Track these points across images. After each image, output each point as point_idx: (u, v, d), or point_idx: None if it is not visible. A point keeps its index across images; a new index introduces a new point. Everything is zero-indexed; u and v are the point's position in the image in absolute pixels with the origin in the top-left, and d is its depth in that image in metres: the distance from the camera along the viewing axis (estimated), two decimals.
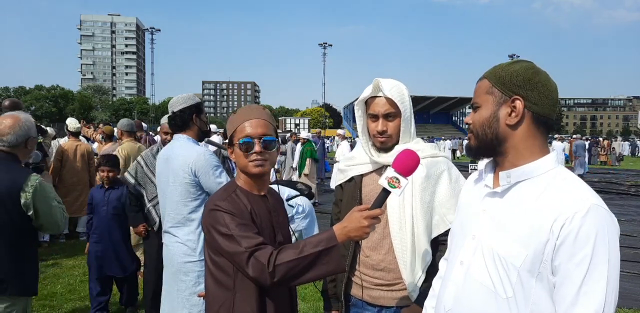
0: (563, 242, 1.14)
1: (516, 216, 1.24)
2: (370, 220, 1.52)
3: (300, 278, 1.51)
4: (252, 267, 1.50)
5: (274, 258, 1.48)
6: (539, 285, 1.19)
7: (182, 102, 2.93)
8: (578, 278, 1.13)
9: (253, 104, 3.11)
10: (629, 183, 16.17)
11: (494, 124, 1.30)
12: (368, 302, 1.98)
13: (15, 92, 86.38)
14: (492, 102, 1.30)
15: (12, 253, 2.40)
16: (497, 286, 1.24)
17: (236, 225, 1.55)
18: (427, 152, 1.95)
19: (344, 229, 1.53)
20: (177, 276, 2.81)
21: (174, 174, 2.80)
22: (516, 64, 1.32)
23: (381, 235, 1.95)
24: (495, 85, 1.30)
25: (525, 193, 1.26)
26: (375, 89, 1.94)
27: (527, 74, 1.28)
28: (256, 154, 1.67)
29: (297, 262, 1.48)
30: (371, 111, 1.96)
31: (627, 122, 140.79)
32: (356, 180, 2.04)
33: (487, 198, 1.35)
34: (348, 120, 61.13)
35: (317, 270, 1.50)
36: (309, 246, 1.50)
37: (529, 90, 1.27)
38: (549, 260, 1.16)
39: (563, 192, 1.20)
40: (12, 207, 2.37)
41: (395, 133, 1.95)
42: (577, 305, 1.13)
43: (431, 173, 1.93)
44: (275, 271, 1.48)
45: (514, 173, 1.28)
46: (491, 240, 1.28)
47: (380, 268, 1.95)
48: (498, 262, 1.24)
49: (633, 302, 4.97)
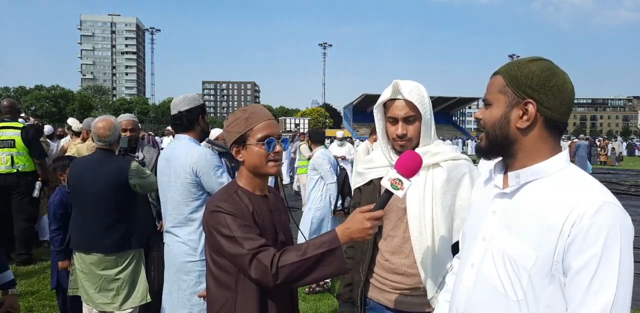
0: (573, 241, 1.11)
1: (526, 217, 1.21)
2: (372, 222, 1.51)
3: (303, 279, 1.51)
4: (255, 269, 1.49)
5: (277, 260, 1.48)
6: (551, 288, 1.16)
7: (188, 102, 2.93)
8: (586, 278, 1.09)
9: (254, 103, 3.11)
10: (629, 183, 16.15)
11: (505, 125, 1.26)
12: (387, 306, 1.94)
13: (15, 92, 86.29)
14: (504, 102, 1.26)
15: (130, 218, 3.22)
16: (508, 289, 1.21)
17: (238, 226, 1.55)
18: (448, 155, 1.90)
19: (346, 230, 1.52)
20: (178, 276, 2.82)
21: (175, 174, 2.81)
22: (533, 63, 1.26)
23: (401, 240, 1.91)
24: (509, 85, 1.25)
25: (535, 193, 1.23)
26: (394, 92, 1.88)
27: (543, 76, 1.23)
28: (276, 154, 1.68)
29: (300, 264, 1.48)
30: (390, 114, 1.91)
31: (627, 122, 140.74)
32: (375, 184, 1.99)
33: (497, 199, 1.32)
34: (348, 120, 61.04)
35: (319, 271, 1.50)
36: (312, 248, 1.50)
37: (543, 94, 1.22)
38: (560, 261, 1.13)
39: (574, 191, 1.17)
40: (124, 185, 3.15)
41: (415, 136, 1.90)
42: (585, 304, 1.09)
43: (452, 177, 1.89)
44: (278, 273, 1.48)
45: (523, 173, 1.26)
46: (501, 242, 1.25)
47: (400, 273, 1.91)
48: (508, 264, 1.21)
49: (633, 302, 4.95)
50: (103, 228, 3.13)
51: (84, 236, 3.17)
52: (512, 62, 1.31)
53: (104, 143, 3.22)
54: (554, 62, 1.29)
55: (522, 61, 1.28)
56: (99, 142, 3.24)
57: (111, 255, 3.15)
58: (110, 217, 3.14)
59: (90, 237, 3.14)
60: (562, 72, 1.26)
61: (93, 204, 3.14)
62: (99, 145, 3.26)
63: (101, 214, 3.13)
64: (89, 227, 3.14)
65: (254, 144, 1.67)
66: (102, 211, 3.13)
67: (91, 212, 3.15)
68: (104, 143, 3.22)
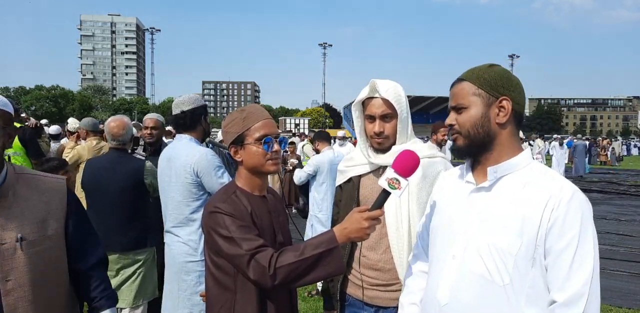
0: (553, 225, 1.26)
1: (506, 207, 1.33)
2: (370, 221, 1.51)
3: (301, 280, 1.51)
4: (253, 269, 1.50)
5: (275, 260, 1.49)
6: (534, 271, 1.28)
7: (192, 102, 2.94)
8: (569, 256, 1.25)
9: (252, 103, 3.10)
10: (629, 183, 16.15)
11: (486, 123, 1.39)
12: (365, 301, 1.98)
13: (15, 92, 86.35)
14: (481, 102, 1.39)
15: (144, 216, 3.29)
16: (494, 274, 1.31)
17: (237, 227, 1.55)
18: (425, 153, 1.95)
19: (344, 230, 1.53)
20: (178, 276, 2.82)
21: (176, 174, 2.81)
22: (493, 67, 1.43)
23: (378, 235, 1.95)
24: (482, 87, 1.39)
25: (510, 186, 1.36)
26: (371, 90, 1.95)
27: (507, 77, 1.40)
28: (274, 153, 1.69)
29: (298, 264, 1.48)
30: (368, 112, 1.97)
31: (627, 122, 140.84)
32: (354, 181, 2.05)
33: (473, 193, 1.42)
34: (348, 120, 61.06)
35: (318, 272, 1.51)
36: (310, 248, 1.50)
37: (512, 91, 1.39)
38: (541, 244, 1.27)
39: (546, 182, 1.33)
40: (139, 184, 3.22)
41: (392, 134, 1.96)
42: (570, 279, 1.25)
43: (428, 174, 1.94)
44: (276, 273, 1.48)
45: (500, 168, 1.38)
46: (484, 233, 1.34)
47: (377, 268, 1.95)
48: (494, 252, 1.31)
49: (633, 302, 4.97)
50: (120, 227, 3.17)
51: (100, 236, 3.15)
52: (473, 69, 1.45)
53: (117, 142, 3.29)
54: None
55: (483, 67, 1.44)
56: (112, 141, 3.30)
57: (128, 253, 3.20)
58: (126, 216, 3.19)
59: (107, 237, 3.13)
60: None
61: (109, 204, 3.17)
62: (112, 145, 3.33)
63: (118, 213, 3.18)
64: (105, 226, 3.13)
65: (252, 144, 1.68)
66: (118, 210, 3.18)
67: (108, 212, 3.18)
68: (118, 142, 3.29)
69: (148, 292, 3.32)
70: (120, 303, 3.22)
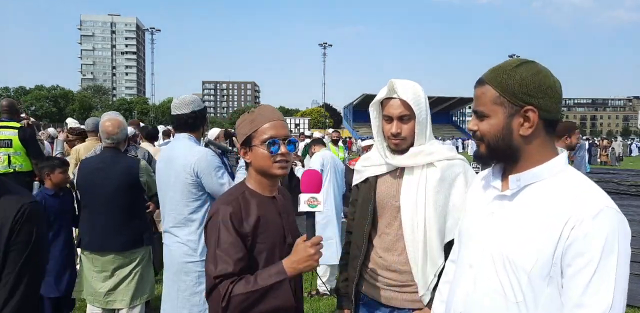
0: (572, 243, 1.12)
1: (526, 219, 1.21)
2: (315, 247, 1.53)
3: (253, 309, 1.51)
4: (213, 295, 1.53)
5: (230, 289, 1.50)
6: (549, 290, 1.16)
7: (198, 104, 2.98)
8: (584, 279, 1.10)
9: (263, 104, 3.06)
10: (629, 183, 16.14)
11: (507, 135, 1.25)
12: (380, 301, 1.98)
13: (15, 92, 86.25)
14: (502, 113, 1.25)
15: (140, 215, 3.30)
16: (507, 290, 1.22)
17: (228, 243, 1.56)
18: (443, 155, 1.92)
19: (292, 263, 1.54)
20: (177, 276, 2.81)
21: (176, 174, 2.80)
22: (520, 67, 1.24)
23: (395, 237, 1.94)
24: (504, 95, 1.23)
25: (535, 196, 1.23)
26: (390, 91, 1.90)
27: (536, 80, 1.22)
28: (281, 155, 1.65)
29: (248, 295, 1.50)
30: (386, 113, 1.93)
31: (627, 122, 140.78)
32: (371, 181, 2.03)
33: (496, 201, 1.32)
34: (348, 121, 61.05)
35: (267, 303, 1.51)
36: (260, 279, 1.52)
37: (541, 98, 1.22)
38: (558, 262, 1.14)
39: (574, 194, 1.18)
40: (134, 183, 3.21)
41: (409, 135, 1.91)
42: (582, 306, 1.10)
43: (446, 176, 1.90)
44: (229, 303, 1.49)
45: (524, 176, 1.26)
46: (500, 243, 1.25)
47: (393, 269, 1.95)
48: (508, 266, 1.21)
49: (634, 302, 4.97)
50: (116, 226, 3.16)
51: (96, 236, 3.19)
52: (498, 68, 1.28)
53: (112, 141, 3.25)
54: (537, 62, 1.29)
55: (508, 67, 1.26)
56: (107, 140, 3.25)
57: (124, 253, 3.20)
58: (122, 215, 3.18)
59: (103, 237, 3.16)
60: (547, 71, 1.26)
61: (105, 203, 3.16)
62: (106, 143, 3.28)
63: (114, 213, 3.17)
64: (101, 226, 3.16)
65: (258, 146, 1.66)
66: (114, 210, 3.16)
67: (103, 212, 3.17)
68: (112, 141, 3.25)
69: (146, 292, 3.31)
70: (117, 304, 3.22)
